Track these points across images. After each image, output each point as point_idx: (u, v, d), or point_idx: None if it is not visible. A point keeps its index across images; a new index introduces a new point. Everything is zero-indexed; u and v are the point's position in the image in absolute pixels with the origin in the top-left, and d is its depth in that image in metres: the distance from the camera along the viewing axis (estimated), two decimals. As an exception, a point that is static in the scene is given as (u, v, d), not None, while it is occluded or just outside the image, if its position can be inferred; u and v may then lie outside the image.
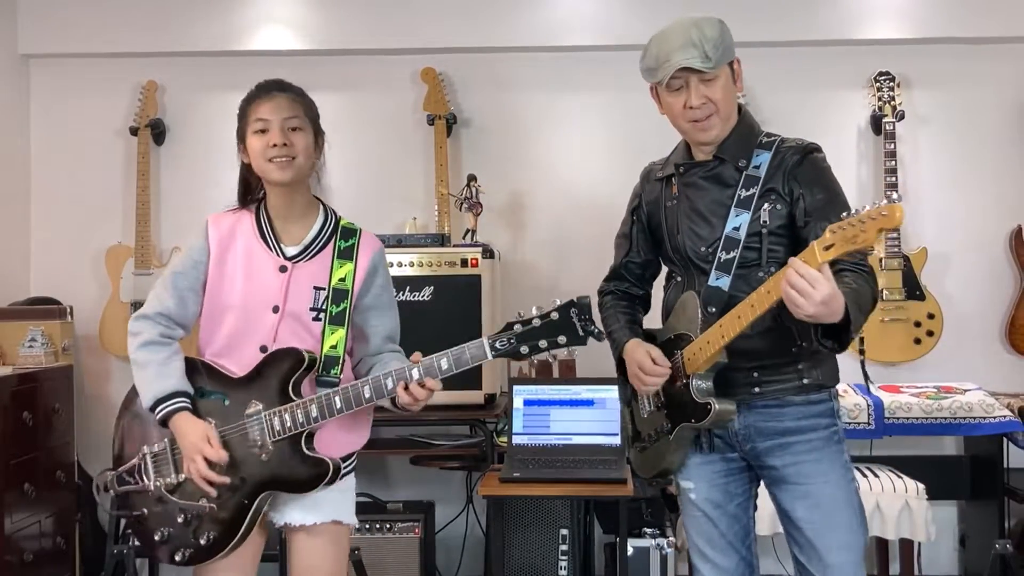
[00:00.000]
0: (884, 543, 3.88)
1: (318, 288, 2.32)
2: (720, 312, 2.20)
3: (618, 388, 3.26)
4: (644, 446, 2.44)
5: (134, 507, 2.35)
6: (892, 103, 4.13)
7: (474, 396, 3.65)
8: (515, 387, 3.53)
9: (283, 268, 2.32)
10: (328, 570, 2.36)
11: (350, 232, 2.39)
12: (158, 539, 2.31)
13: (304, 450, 2.23)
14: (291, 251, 2.34)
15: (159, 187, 4.42)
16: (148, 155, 4.31)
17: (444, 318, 3.63)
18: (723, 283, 2.24)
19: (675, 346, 2.30)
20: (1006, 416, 3.70)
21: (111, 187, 4.42)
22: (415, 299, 3.63)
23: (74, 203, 4.43)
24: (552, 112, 4.38)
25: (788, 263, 1.97)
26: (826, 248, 1.92)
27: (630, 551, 3.48)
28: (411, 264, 3.70)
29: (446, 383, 2.22)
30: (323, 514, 2.33)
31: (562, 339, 2.11)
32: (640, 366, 2.30)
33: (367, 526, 3.65)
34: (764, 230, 2.23)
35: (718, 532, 2.36)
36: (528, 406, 3.50)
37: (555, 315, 2.12)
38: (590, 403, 3.48)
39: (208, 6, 4.33)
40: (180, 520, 2.29)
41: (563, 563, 3.51)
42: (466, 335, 2.26)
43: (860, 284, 2.11)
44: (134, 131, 4.33)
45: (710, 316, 2.22)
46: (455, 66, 4.36)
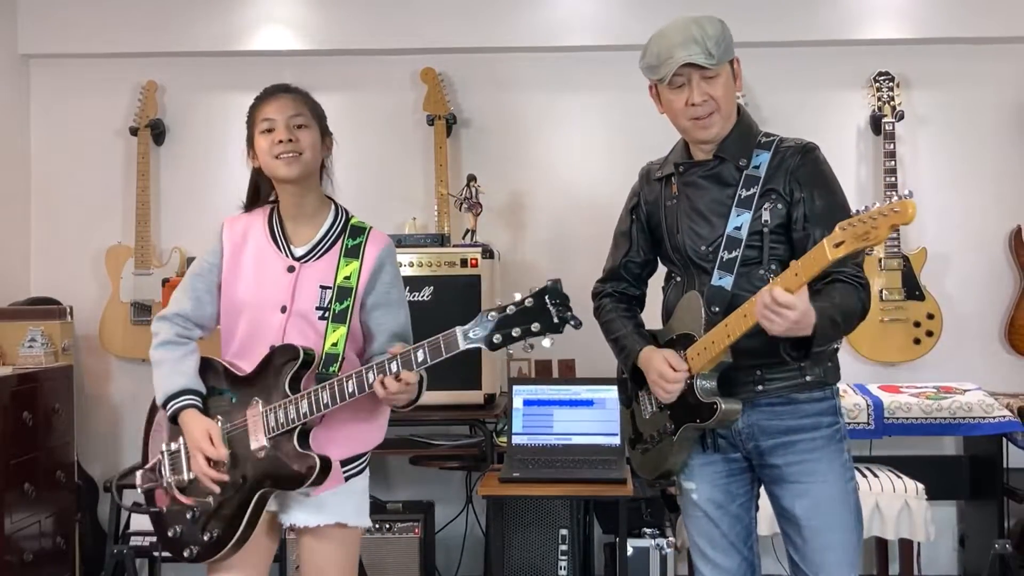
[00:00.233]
0: (884, 543, 3.87)
1: (324, 287, 2.32)
2: (724, 311, 2.19)
3: (617, 389, 3.26)
4: (646, 447, 2.43)
5: (154, 504, 2.38)
6: (892, 103, 4.13)
7: (474, 396, 3.65)
8: (515, 387, 3.53)
9: (291, 268, 2.33)
10: (333, 573, 2.35)
11: (359, 231, 2.39)
12: (171, 535, 2.34)
13: (297, 447, 2.22)
14: (299, 251, 2.35)
15: (159, 187, 4.42)
16: (148, 155, 4.32)
17: (444, 318, 3.56)
18: (726, 282, 2.24)
19: (678, 346, 2.29)
20: (1005, 416, 3.70)
21: (111, 187, 4.42)
22: (415, 299, 3.62)
23: (74, 203, 4.43)
24: (552, 112, 4.38)
25: (759, 292, 2.01)
26: (836, 245, 1.92)
27: (630, 551, 3.48)
28: (411, 264, 3.69)
29: (446, 383, 2.20)
30: (327, 516, 2.32)
31: (536, 326, 2.02)
32: (661, 375, 2.27)
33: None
34: (765, 229, 2.23)
35: (720, 532, 2.35)
36: (528, 406, 3.50)
37: (529, 301, 2.04)
38: (590, 403, 3.48)
39: (208, 6, 4.33)
40: (189, 517, 2.31)
41: (563, 563, 3.51)
42: (466, 335, 2.25)
43: (845, 298, 2.13)
44: (134, 131, 4.33)
45: (714, 316, 2.22)
46: (455, 66, 4.36)
